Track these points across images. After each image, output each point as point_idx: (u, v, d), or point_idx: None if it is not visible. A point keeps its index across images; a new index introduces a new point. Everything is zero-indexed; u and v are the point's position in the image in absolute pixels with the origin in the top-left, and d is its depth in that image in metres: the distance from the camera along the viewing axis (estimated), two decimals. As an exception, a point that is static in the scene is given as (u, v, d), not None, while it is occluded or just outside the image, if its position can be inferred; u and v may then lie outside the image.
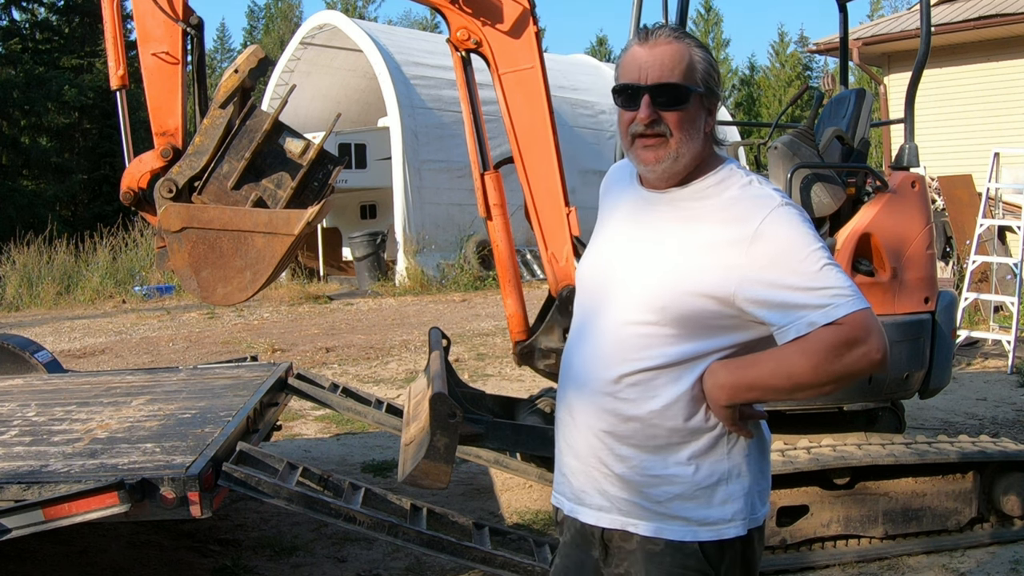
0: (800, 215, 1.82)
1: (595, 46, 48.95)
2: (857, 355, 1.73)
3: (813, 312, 1.73)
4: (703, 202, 1.87)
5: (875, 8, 44.62)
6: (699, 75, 1.85)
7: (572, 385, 1.97)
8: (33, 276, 16.50)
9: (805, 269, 1.75)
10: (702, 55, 1.86)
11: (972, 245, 9.55)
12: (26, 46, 31.15)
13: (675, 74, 1.82)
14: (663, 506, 1.87)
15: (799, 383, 1.76)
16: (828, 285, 1.74)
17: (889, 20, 14.84)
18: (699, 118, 1.86)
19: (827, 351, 1.72)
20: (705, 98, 1.86)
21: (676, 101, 1.83)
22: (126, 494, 3.09)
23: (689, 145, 1.85)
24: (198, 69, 4.08)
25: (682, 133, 1.84)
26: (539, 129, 4.15)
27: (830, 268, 1.76)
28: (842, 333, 1.72)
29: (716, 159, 1.92)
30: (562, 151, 4.20)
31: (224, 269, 3.87)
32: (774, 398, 1.83)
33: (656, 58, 1.83)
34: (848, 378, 1.76)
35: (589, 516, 1.96)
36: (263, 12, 54.86)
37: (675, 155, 1.85)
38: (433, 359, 4.17)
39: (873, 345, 1.73)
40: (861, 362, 1.73)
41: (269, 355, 9.97)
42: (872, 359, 1.74)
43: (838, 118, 4.77)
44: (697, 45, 1.87)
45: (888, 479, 4.16)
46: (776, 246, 1.78)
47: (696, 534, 1.86)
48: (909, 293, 4.35)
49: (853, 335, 1.72)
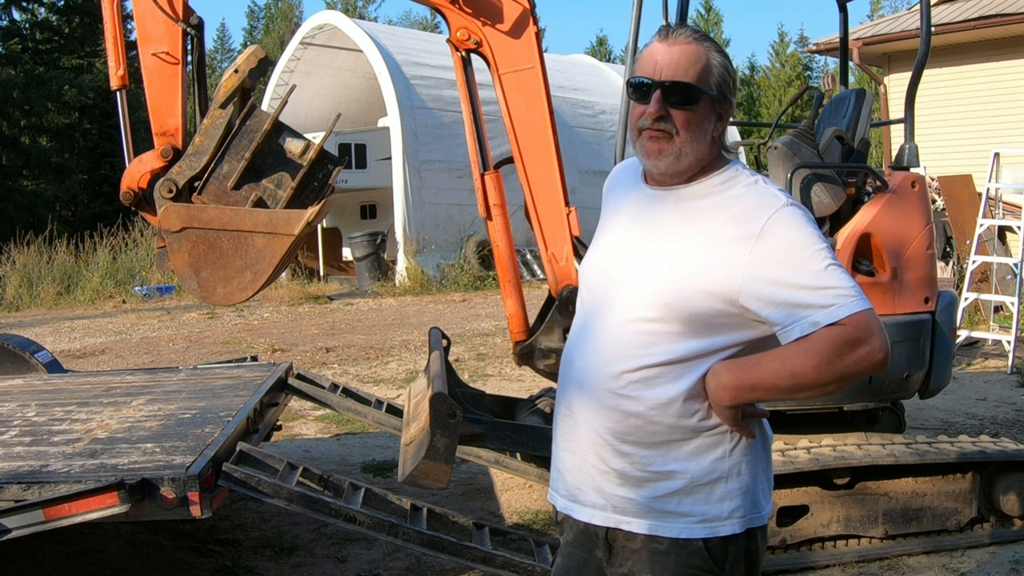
0: (805, 215, 1.83)
1: (595, 46, 48.98)
2: (860, 355, 1.73)
3: (817, 312, 1.74)
4: (708, 200, 1.88)
5: (875, 8, 44.68)
6: (713, 79, 1.86)
7: (573, 382, 1.98)
8: (33, 276, 16.50)
9: (809, 268, 1.76)
10: (720, 60, 1.87)
11: (972, 245, 9.55)
12: (26, 46, 31.16)
13: (689, 74, 1.83)
14: (661, 503, 1.87)
15: (802, 383, 1.77)
16: (832, 285, 1.75)
17: (889, 20, 14.83)
18: (708, 121, 1.87)
19: (830, 351, 1.73)
20: (716, 102, 1.87)
21: (686, 100, 1.84)
22: (126, 494, 3.09)
23: (694, 146, 1.86)
24: (198, 69, 4.08)
25: (688, 133, 1.85)
26: (539, 129, 4.15)
27: (834, 268, 1.76)
28: (845, 333, 1.73)
29: (722, 160, 1.93)
30: (562, 151, 4.20)
31: (224, 269, 3.87)
32: (776, 398, 1.83)
33: (673, 56, 1.84)
34: (850, 378, 1.76)
35: (583, 514, 1.96)
36: (263, 12, 54.90)
37: (678, 152, 1.86)
38: (433, 359, 4.17)
39: (875, 345, 1.74)
40: (863, 362, 1.74)
41: (269, 355, 9.97)
42: (874, 359, 1.74)
43: (838, 118, 4.77)
44: (716, 50, 1.88)
45: (888, 479, 4.16)
46: (781, 245, 1.78)
47: (692, 531, 1.86)
48: (909, 293, 4.35)
49: (856, 335, 1.73)
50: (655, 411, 1.85)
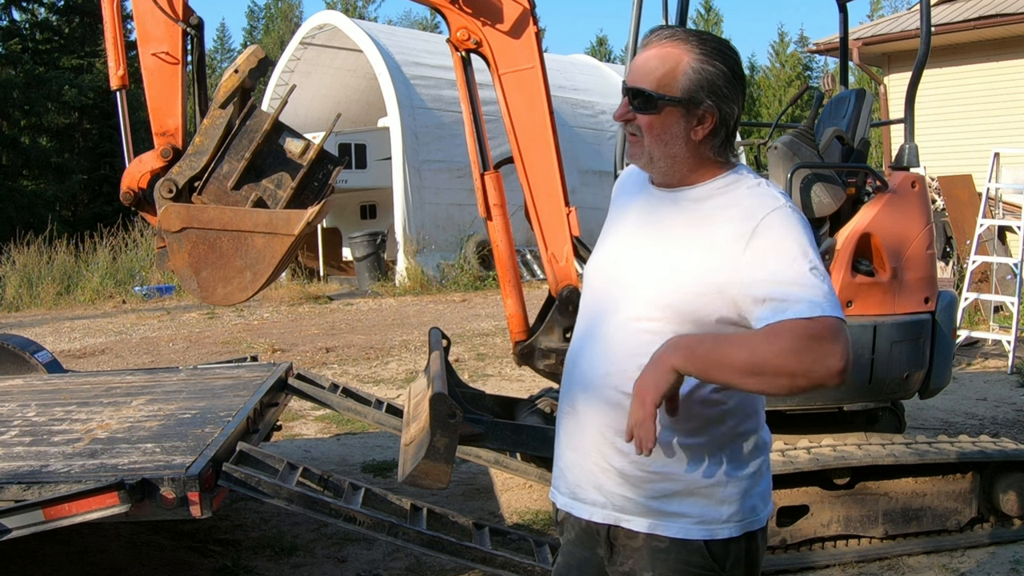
0: (801, 220, 1.83)
1: (595, 46, 49.00)
2: (820, 354, 1.68)
3: (794, 304, 1.72)
4: (711, 202, 1.88)
5: (875, 8, 44.69)
6: (681, 83, 1.82)
7: (576, 381, 1.99)
8: (33, 276, 16.50)
9: (797, 268, 1.75)
10: (697, 65, 1.82)
11: (972, 245, 9.55)
12: (26, 46, 31.15)
13: (648, 80, 1.83)
14: (659, 502, 1.87)
15: (756, 365, 1.70)
16: (815, 286, 1.74)
17: (889, 20, 14.83)
18: (675, 126, 1.85)
19: (794, 340, 1.69)
20: (689, 106, 1.83)
21: (644, 107, 1.85)
22: (126, 494, 3.09)
23: (662, 149, 1.87)
24: (198, 69, 4.08)
25: (651, 137, 1.86)
26: (539, 129, 4.15)
27: (819, 273, 1.76)
28: (813, 328, 1.70)
29: (726, 164, 1.92)
30: (562, 151, 4.20)
31: (224, 269, 3.87)
32: (725, 378, 1.76)
33: (642, 61, 1.86)
34: (804, 377, 1.70)
35: (583, 511, 1.97)
36: (263, 12, 54.91)
37: (648, 156, 1.89)
38: (433, 359, 4.17)
39: (838, 351, 1.69)
40: (820, 364, 1.69)
41: (269, 355, 9.97)
42: (833, 366, 1.69)
43: (838, 118, 4.77)
44: (702, 52, 1.83)
45: (888, 479, 4.16)
46: (773, 243, 1.78)
47: (690, 531, 1.86)
48: (909, 293, 4.35)
49: (823, 334, 1.70)
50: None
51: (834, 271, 4.29)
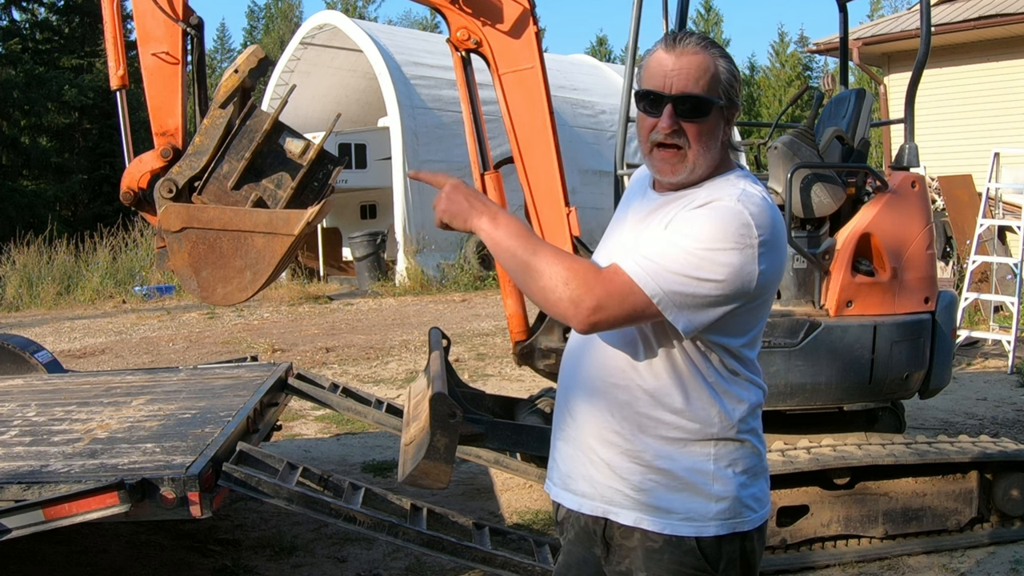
0: (735, 217, 1.78)
1: (595, 46, 48.96)
2: (573, 286, 1.73)
3: (628, 256, 1.77)
4: (688, 196, 1.90)
5: (875, 8, 44.69)
6: (722, 87, 1.87)
7: (570, 375, 2.03)
8: (33, 276, 16.49)
9: (672, 239, 1.77)
10: (726, 66, 1.88)
11: (972, 245, 9.55)
12: (26, 46, 31.17)
13: (699, 85, 1.84)
14: (646, 496, 1.89)
15: (522, 255, 1.76)
16: (662, 253, 1.75)
17: (889, 20, 14.84)
18: (718, 128, 1.88)
19: (575, 265, 1.75)
20: (725, 109, 1.88)
21: (698, 113, 1.85)
22: (126, 494, 3.09)
23: (706, 156, 1.88)
24: (198, 69, 4.08)
25: (700, 145, 1.86)
26: (539, 129, 4.15)
27: (688, 255, 1.74)
28: (604, 273, 1.75)
29: (728, 164, 1.94)
30: (562, 151, 4.20)
31: (224, 269, 3.87)
32: (502, 262, 1.82)
33: (683, 67, 1.84)
34: (547, 291, 1.75)
35: (572, 501, 2.00)
36: (263, 12, 54.92)
37: (692, 167, 1.88)
38: (433, 359, 4.17)
39: (586, 301, 1.73)
40: (564, 290, 1.73)
41: (269, 355, 9.97)
42: (565, 301, 1.73)
43: (838, 118, 4.77)
44: (722, 56, 1.88)
45: (888, 479, 4.16)
46: (684, 219, 1.81)
47: (677, 528, 1.88)
48: (909, 293, 4.35)
49: (606, 275, 1.75)
50: (645, 404, 1.88)
51: (834, 271, 4.30)
